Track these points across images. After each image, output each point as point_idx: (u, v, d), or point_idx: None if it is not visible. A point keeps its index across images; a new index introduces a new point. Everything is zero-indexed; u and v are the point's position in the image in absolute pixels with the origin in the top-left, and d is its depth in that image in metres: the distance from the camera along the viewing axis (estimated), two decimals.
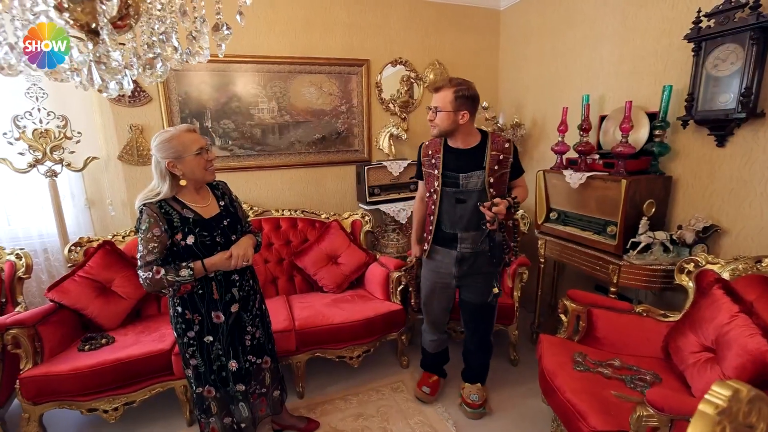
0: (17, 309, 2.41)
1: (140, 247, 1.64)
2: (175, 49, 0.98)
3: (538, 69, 3.28)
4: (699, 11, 2.01)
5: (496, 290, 2.04)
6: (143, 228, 1.63)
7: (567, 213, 2.70)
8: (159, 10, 0.96)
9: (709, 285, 1.80)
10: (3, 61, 0.85)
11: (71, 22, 0.92)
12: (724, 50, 1.94)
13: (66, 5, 0.89)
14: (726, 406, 0.59)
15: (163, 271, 1.61)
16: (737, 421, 0.62)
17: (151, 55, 0.97)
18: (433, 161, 2.06)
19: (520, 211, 3.11)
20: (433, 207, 2.08)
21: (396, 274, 2.68)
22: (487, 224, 1.83)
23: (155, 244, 1.64)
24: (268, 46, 3.05)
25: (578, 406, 1.61)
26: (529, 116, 3.43)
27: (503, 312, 2.63)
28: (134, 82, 1.11)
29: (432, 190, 2.08)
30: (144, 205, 1.65)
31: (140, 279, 1.64)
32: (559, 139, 2.68)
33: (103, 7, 0.85)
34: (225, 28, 1.01)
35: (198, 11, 1.03)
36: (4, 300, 2.48)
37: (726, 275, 1.83)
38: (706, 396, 0.61)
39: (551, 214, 2.80)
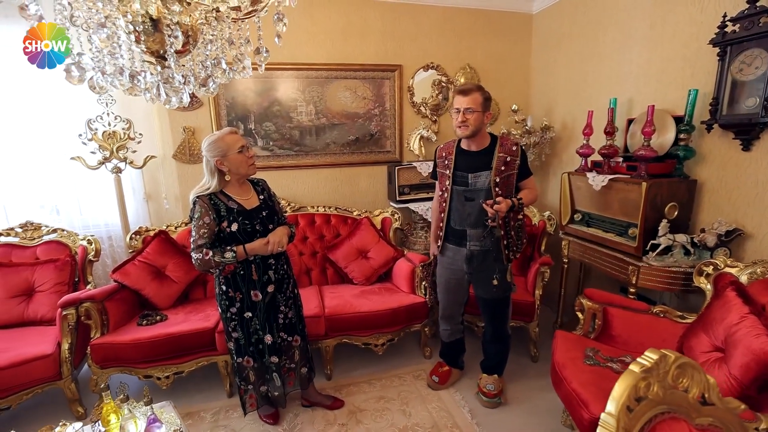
0: (88, 287, 2.76)
1: (193, 233, 1.91)
2: (224, 70, 1.19)
3: (568, 73, 3.32)
4: (725, 16, 2.02)
5: (495, 282, 2.14)
6: (196, 217, 1.90)
7: (591, 215, 2.75)
8: (211, 41, 1.17)
9: (723, 287, 1.84)
10: (96, 84, 1.08)
11: (145, 49, 1.15)
12: (749, 55, 1.95)
13: (142, 38, 1.11)
14: (651, 366, 0.71)
15: (211, 253, 1.88)
16: (666, 382, 0.73)
17: (205, 75, 1.18)
18: (446, 162, 2.20)
19: (546, 212, 3.17)
20: (444, 204, 2.22)
21: (420, 269, 2.83)
22: (489, 221, 1.95)
23: (205, 230, 1.90)
24: (307, 54, 3.27)
25: (582, 395, 1.70)
26: (559, 119, 3.47)
27: (524, 309, 2.72)
28: None
29: (444, 189, 2.22)
30: (197, 197, 1.92)
31: (193, 260, 1.91)
32: (584, 141, 2.73)
33: (171, 39, 1.07)
34: (264, 51, 1.21)
35: (243, 36, 1.24)
36: (77, 279, 2.85)
37: (744, 278, 1.85)
38: (638, 359, 0.73)
39: (575, 216, 2.86)
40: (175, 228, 3.15)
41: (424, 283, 2.79)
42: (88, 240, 2.92)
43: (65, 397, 2.39)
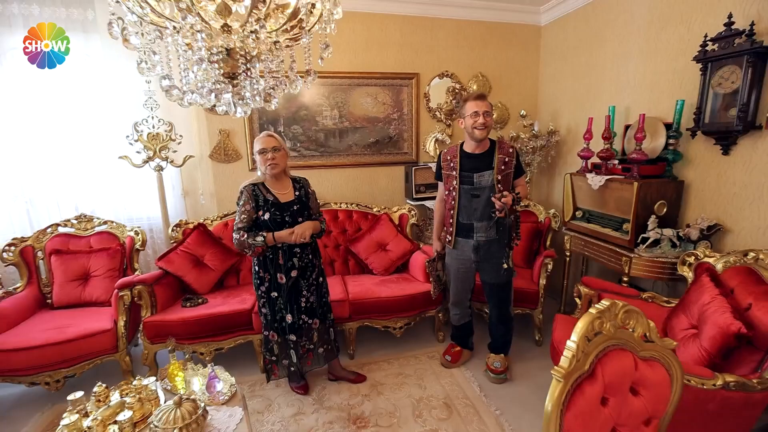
0: (135, 273, 3.10)
1: (236, 217, 2.24)
2: (282, 88, 1.50)
3: (573, 81, 3.59)
4: (705, 36, 2.29)
5: (505, 266, 2.43)
6: (240, 203, 2.25)
7: (591, 212, 3.02)
8: (272, 62, 1.48)
9: (700, 273, 2.10)
10: (175, 97, 1.39)
11: (221, 71, 1.46)
12: (726, 70, 2.22)
13: (219, 63, 1.42)
14: (604, 309, 1.00)
15: (246, 236, 2.22)
16: (616, 321, 1.02)
17: (266, 92, 1.48)
18: (452, 164, 2.49)
19: (552, 210, 3.43)
20: (453, 202, 2.51)
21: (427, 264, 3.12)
22: (497, 212, 2.24)
23: (245, 216, 2.25)
24: (332, 63, 3.58)
25: None
26: (564, 124, 3.74)
27: (529, 297, 3.00)
28: None
29: (451, 188, 2.51)
30: (244, 186, 2.27)
31: (233, 239, 2.26)
32: (585, 145, 3.00)
33: (240, 63, 1.38)
34: (313, 73, 1.52)
35: (294, 58, 1.55)
36: (125, 266, 3.19)
37: (719, 267, 2.11)
38: (594, 305, 1.02)
39: (577, 213, 3.13)
40: (212, 221, 3.47)
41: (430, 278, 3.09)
42: (135, 231, 3.26)
43: (120, 368, 2.72)
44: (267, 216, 2.27)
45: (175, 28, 1.29)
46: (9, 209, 3.19)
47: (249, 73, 1.49)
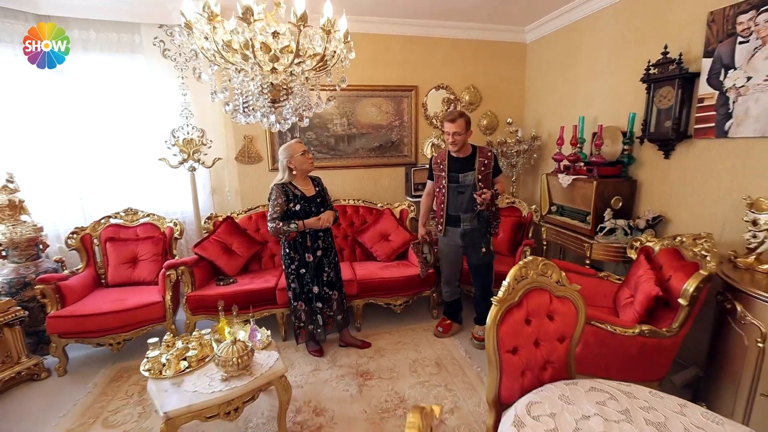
0: (174, 258, 3.64)
1: (270, 209, 2.79)
2: (311, 110, 2.04)
3: (553, 93, 4.11)
4: (649, 62, 2.81)
5: (484, 250, 2.96)
6: (273, 198, 2.77)
7: (563, 206, 3.54)
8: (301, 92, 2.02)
9: (640, 254, 2.62)
10: (239, 118, 1.93)
11: (268, 99, 1.99)
12: (664, 90, 2.74)
13: (266, 92, 1.95)
14: (528, 262, 1.52)
15: (281, 224, 2.75)
16: (537, 270, 1.54)
17: (299, 112, 2.02)
18: (441, 167, 3.02)
19: (533, 206, 3.95)
20: (442, 198, 3.04)
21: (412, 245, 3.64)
22: (478, 206, 2.77)
23: (278, 208, 2.77)
24: None
25: None
26: (546, 131, 4.26)
27: None
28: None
29: (441, 186, 3.04)
30: (275, 185, 2.79)
31: (268, 227, 2.80)
32: (557, 150, 3.52)
33: (281, 93, 1.92)
34: (333, 100, 2.06)
35: (320, 92, 2.09)
36: (166, 252, 3.73)
37: (656, 248, 2.63)
38: (520, 262, 1.54)
39: (552, 207, 3.65)
40: (237, 215, 4.02)
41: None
42: (174, 222, 3.80)
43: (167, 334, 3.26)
44: (298, 207, 2.81)
45: (238, 70, 1.83)
46: (65, 204, 3.75)
47: (287, 100, 2.04)
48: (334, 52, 1.91)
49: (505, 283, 1.53)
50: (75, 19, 3.50)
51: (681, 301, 2.06)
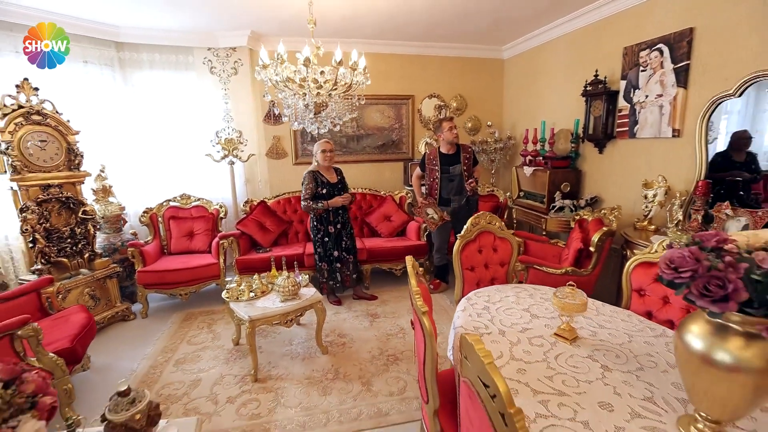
0: (221, 233, 4.59)
1: (303, 191, 3.73)
2: (342, 120, 2.99)
3: (526, 101, 5.08)
4: (587, 81, 3.76)
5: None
6: (306, 182, 3.72)
7: (528, 192, 4.50)
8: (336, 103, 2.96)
9: (576, 224, 3.58)
10: (309, 128, 2.88)
11: (312, 111, 2.93)
12: (596, 103, 3.69)
13: (311, 106, 2.90)
14: (480, 215, 2.47)
15: (312, 203, 3.69)
16: (486, 219, 2.50)
17: (335, 121, 2.96)
18: (434, 162, 3.97)
19: (508, 193, 4.90)
20: (436, 185, 3.98)
21: (423, 226, 4.60)
22: (468, 192, 3.73)
23: (309, 191, 3.72)
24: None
25: None
26: (519, 133, 5.22)
27: None
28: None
29: (435, 177, 3.98)
30: (307, 172, 3.73)
31: (302, 205, 3.74)
32: (524, 147, 4.48)
33: (321, 107, 2.86)
34: (356, 112, 3.01)
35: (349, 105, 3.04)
36: (213, 228, 4.68)
37: (589, 219, 3.57)
38: (475, 215, 2.49)
39: (521, 193, 4.61)
40: (268, 200, 4.96)
41: (426, 233, 4.56)
42: (220, 205, 4.75)
43: (221, 289, 4.21)
44: (324, 191, 3.76)
45: (294, 94, 2.78)
46: (131, 189, 4.70)
47: (325, 111, 3.00)
48: (356, 81, 2.86)
49: (465, 226, 2.49)
50: (144, 45, 4.44)
51: (591, 248, 3.02)
